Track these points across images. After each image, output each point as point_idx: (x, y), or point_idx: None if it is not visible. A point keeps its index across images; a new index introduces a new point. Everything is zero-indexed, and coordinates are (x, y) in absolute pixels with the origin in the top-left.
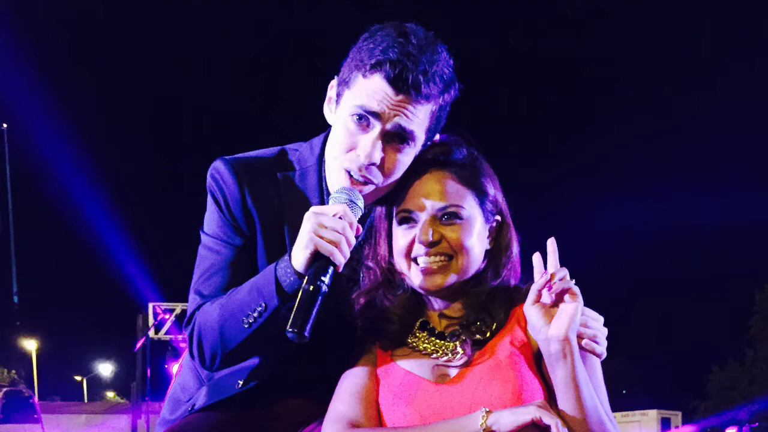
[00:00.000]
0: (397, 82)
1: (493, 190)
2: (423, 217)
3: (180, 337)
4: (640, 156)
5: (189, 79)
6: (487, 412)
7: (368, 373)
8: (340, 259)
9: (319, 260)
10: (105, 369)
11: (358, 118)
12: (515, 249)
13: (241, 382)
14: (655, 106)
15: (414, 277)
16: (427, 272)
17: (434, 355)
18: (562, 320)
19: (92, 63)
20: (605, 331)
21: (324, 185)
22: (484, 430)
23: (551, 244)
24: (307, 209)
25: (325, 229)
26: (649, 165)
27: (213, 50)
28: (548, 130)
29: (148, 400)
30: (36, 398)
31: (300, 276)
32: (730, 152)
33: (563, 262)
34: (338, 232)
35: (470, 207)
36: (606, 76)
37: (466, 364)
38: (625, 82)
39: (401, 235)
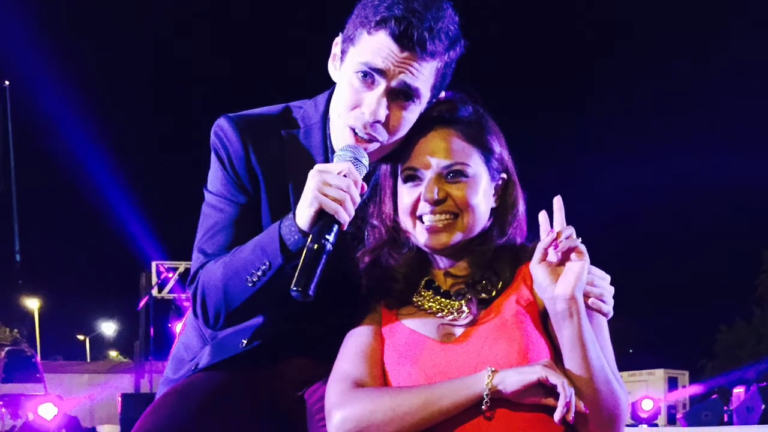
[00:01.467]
0: (402, 39)
1: (498, 148)
2: (428, 174)
3: (183, 296)
4: (648, 114)
5: (192, 36)
6: (492, 371)
7: (373, 332)
8: (345, 217)
9: (323, 218)
10: (108, 328)
11: (362, 75)
12: (521, 207)
13: (245, 342)
14: (663, 65)
15: (419, 236)
16: (432, 230)
17: (439, 314)
18: (568, 279)
19: (94, 19)
20: (612, 290)
21: (328, 143)
22: (489, 389)
23: (557, 202)
24: (312, 167)
25: (330, 187)
26: (656, 123)
27: (216, 4)
28: (555, 88)
29: (151, 359)
30: (38, 357)
31: (304, 234)
32: (738, 111)
33: (569, 221)
34: (343, 190)
35: (476, 165)
36: (613, 35)
37: (472, 323)
38: (632, 40)
39: (406, 193)
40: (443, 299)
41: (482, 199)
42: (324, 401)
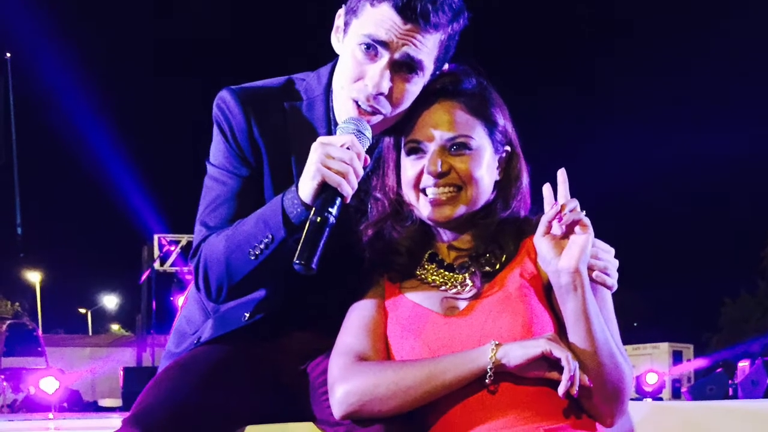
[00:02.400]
0: (405, 11)
1: (502, 120)
2: (431, 147)
3: (185, 269)
4: (654, 85)
5: (192, 7)
6: (496, 344)
7: (376, 305)
8: (348, 190)
9: (326, 191)
10: (110, 301)
11: (365, 47)
12: (525, 180)
13: (247, 315)
14: (671, 36)
15: (422, 209)
16: (435, 203)
17: (443, 288)
18: (572, 252)
19: None
20: (616, 262)
21: (331, 115)
22: (493, 363)
23: (561, 174)
24: (315, 139)
25: (333, 159)
26: (663, 94)
27: None
28: (560, 60)
29: (153, 332)
30: (40, 331)
31: (307, 207)
32: (746, 81)
33: (574, 193)
34: (346, 163)
35: (479, 137)
36: (618, 9)
37: (476, 297)
38: (642, 12)
39: (409, 166)
40: (447, 272)
41: (486, 171)
42: (327, 375)
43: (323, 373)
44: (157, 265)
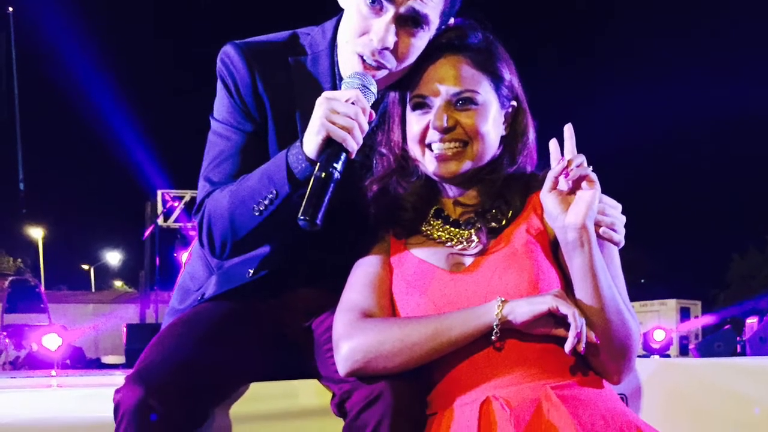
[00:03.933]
0: None
1: (508, 75)
2: (437, 102)
3: (189, 225)
4: (659, 41)
5: None
6: (502, 301)
7: (381, 261)
8: (353, 145)
9: (331, 146)
10: (113, 257)
11: (370, 1)
12: (531, 135)
13: (251, 271)
14: None
15: (428, 164)
16: (441, 159)
17: (449, 244)
18: (579, 207)
19: None
20: (623, 219)
21: (336, 70)
22: (499, 319)
23: (568, 129)
24: (319, 94)
25: (338, 114)
26: (668, 49)
27: None
28: (567, 15)
29: (156, 289)
30: (42, 287)
31: (312, 163)
32: (750, 38)
33: (580, 149)
34: (351, 118)
35: (485, 92)
36: None
37: (481, 253)
38: None
39: (415, 121)
40: (452, 228)
41: (492, 127)
42: (331, 332)
43: (328, 330)
44: (160, 221)
